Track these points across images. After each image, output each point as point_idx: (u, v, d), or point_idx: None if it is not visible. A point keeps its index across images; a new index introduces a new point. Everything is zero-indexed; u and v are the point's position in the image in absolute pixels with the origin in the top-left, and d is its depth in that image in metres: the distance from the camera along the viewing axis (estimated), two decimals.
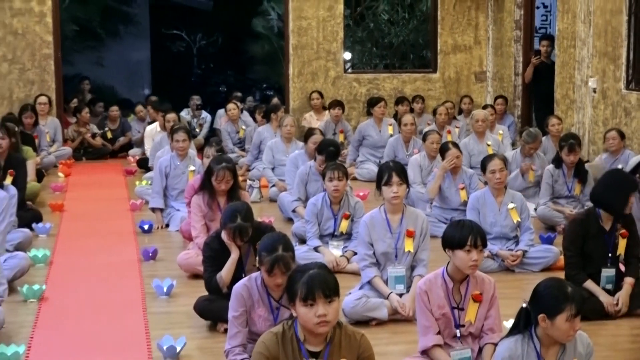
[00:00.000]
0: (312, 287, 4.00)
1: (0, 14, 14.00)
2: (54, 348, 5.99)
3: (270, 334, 4.16)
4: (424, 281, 5.19)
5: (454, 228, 5.13)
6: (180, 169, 9.79)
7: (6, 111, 13.68)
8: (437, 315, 5.12)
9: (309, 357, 4.10)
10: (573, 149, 9.32)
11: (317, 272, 4.08)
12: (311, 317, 4.00)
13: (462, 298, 5.14)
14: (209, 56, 28.47)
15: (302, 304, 4.02)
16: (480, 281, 5.17)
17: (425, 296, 5.11)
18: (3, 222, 7.29)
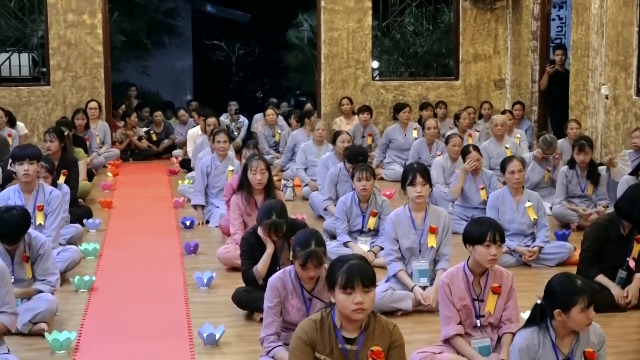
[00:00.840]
0: (351, 276, 3.99)
1: (55, 26, 14.08)
2: (103, 334, 6.01)
3: (309, 321, 4.17)
4: (446, 274, 5.18)
5: (474, 225, 5.13)
6: (220, 169, 9.82)
7: (60, 115, 13.76)
8: (459, 307, 5.11)
9: (344, 343, 4.10)
10: (583, 148, 9.27)
11: (357, 262, 4.08)
12: (349, 304, 4.00)
13: (482, 290, 5.13)
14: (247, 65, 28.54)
15: (341, 291, 4.01)
16: (499, 274, 5.16)
17: (448, 288, 5.10)
18: (57, 218, 7.36)
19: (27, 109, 14.15)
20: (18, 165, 7.25)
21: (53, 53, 14.15)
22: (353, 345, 4.10)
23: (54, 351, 5.56)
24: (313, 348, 4.10)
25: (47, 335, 5.65)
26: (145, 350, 5.68)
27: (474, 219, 5.30)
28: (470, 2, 15.06)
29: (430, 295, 6.37)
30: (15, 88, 14.23)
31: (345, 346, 4.10)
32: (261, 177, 7.67)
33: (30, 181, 7.29)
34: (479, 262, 5.07)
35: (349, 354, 4.10)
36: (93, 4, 14.15)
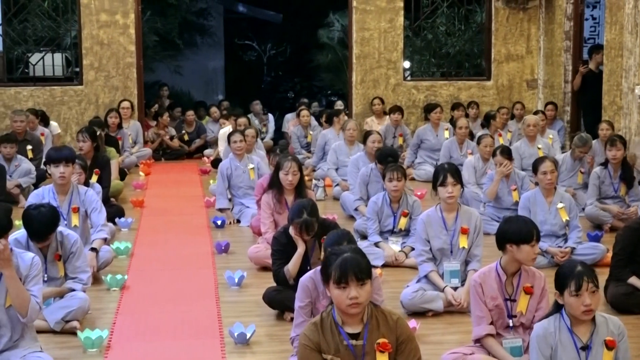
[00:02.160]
0: (345, 271, 3.94)
1: (89, 26, 14.18)
2: (135, 333, 6.05)
3: (309, 325, 4.12)
4: (479, 274, 5.16)
5: (517, 223, 5.10)
6: (240, 169, 9.85)
7: (93, 115, 13.85)
8: (491, 307, 5.09)
9: (349, 339, 4.07)
10: (614, 143, 9.23)
11: (350, 255, 4.01)
12: (344, 299, 3.95)
13: (515, 290, 5.10)
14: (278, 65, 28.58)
15: (335, 286, 3.97)
16: (532, 275, 5.14)
17: (480, 288, 5.09)
18: (102, 214, 7.41)
19: (60, 108, 14.26)
20: (54, 167, 7.26)
21: (86, 53, 14.25)
22: (358, 340, 4.06)
23: (86, 349, 5.60)
24: (319, 351, 4.06)
25: (80, 333, 5.69)
26: (176, 349, 5.71)
27: (511, 218, 5.28)
28: (503, 2, 14.99)
29: (461, 295, 6.35)
30: (48, 88, 14.34)
31: (351, 342, 4.05)
32: (293, 178, 7.68)
33: (66, 183, 7.33)
34: (522, 261, 5.05)
35: (355, 350, 4.05)
36: (126, 4, 14.24)
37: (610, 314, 4.71)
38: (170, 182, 12.69)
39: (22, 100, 14.04)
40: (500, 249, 5.12)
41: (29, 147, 11.61)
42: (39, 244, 5.96)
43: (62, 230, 6.18)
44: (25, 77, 14.95)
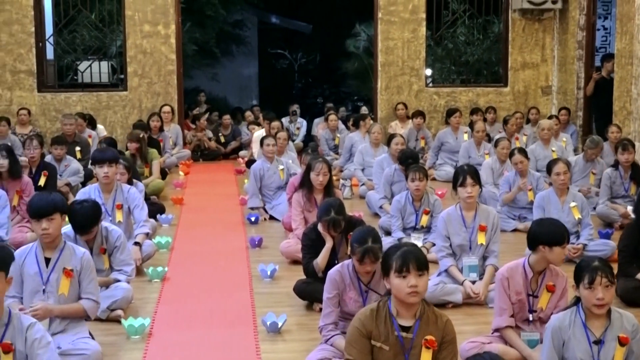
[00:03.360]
0: (406, 260, 3.97)
1: (133, 36, 14.25)
2: (174, 321, 6.07)
3: (366, 310, 4.13)
4: (506, 268, 5.12)
5: (550, 226, 5.03)
6: (271, 170, 9.88)
7: (136, 118, 13.91)
8: (514, 300, 5.06)
9: (400, 330, 4.07)
10: (626, 148, 9.15)
11: (411, 248, 4.07)
12: (404, 287, 3.96)
13: (538, 287, 5.07)
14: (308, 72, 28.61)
15: (396, 275, 3.98)
16: (555, 274, 5.09)
17: (506, 282, 5.05)
18: (144, 210, 7.46)
19: (106, 112, 14.34)
20: (98, 167, 7.32)
21: (130, 61, 14.32)
22: (409, 333, 4.06)
23: (129, 336, 5.63)
24: (369, 337, 4.07)
25: (123, 321, 5.71)
26: (213, 336, 5.71)
27: (543, 221, 5.20)
28: (519, 13, 14.89)
29: (479, 289, 6.33)
30: (95, 93, 14.42)
31: (401, 334, 4.06)
32: (323, 178, 7.69)
33: (109, 182, 7.37)
34: (552, 262, 5.01)
35: (404, 342, 4.06)
36: (167, 16, 14.28)
37: (620, 307, 4.65)
38: (208, 182, 12.72)
39: (71, 105, 14.13)
40: (531, 249, 5.06)
41: (78, 148, 11.68)
42: (83, 236, 6.01)
43: (107, 225, 6.22)
44: (74, 84, 15.05)
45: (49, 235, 5.07)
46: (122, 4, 14.23)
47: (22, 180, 8.29)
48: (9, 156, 8.22)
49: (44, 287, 5.09)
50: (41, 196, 5.31)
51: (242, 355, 5.38)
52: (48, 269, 5.10)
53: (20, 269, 5.11)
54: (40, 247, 5.14)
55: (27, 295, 5.11)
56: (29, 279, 5.10)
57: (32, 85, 14.08)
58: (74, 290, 5.16)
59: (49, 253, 5.14)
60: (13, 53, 13.94)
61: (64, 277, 5.09)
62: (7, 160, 8.18)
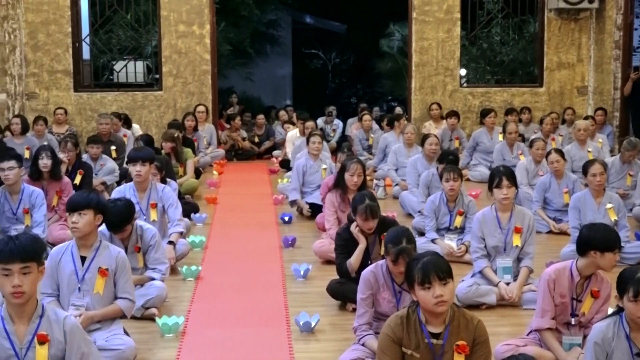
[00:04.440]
0: (427, 272, 3.94)
1: (168, 36, 14.33)
2: (208, 319, 6.09)
3: (396, 317, 4.12)
4: (553, 270, 5.03)
5: (602, 232, 4.93)
6: (314, 168, 9.95)
7: (171, 118, 13.99)
8: (557, 303, 4.99)
9: (430, 337, 4.05)
10: None
11: (431, 258, 4.02)
12: (429, 298, 3.94)
13: (583, 291, 5.00)
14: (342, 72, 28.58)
15: (420, 287, 3.97)
16: (600, 280, 5.02)
17: (553, 284, 4.98)
18: (178, 209, 7.51)
19: (141, 112, 14.43)
20: (132, 166, 7.39)
21: (165, 61, 14.40)
22: (439, 339, 4.05)
23: (163, 334, 5.66)
24: (400, 344, 4.06)
25: (158, 319, 5.75)
26: (246, 335, 5.73)
27: (594, 225, 5.07)
28: (555, 13, 14.77)
29: (513, 290, 6.28)
30: (131, 93, 14.53)
31: (431, 341, 4.04)
32: (357, 179, 7.70)
33: (143, 181, 7.42)
34: (603, 267, 4.92)
35: (434, 348, 4.04)
36: (202, 16, 14.35)
37: None
38: (242, 181, 12.75)
39: (107, 105, 14.24)
40: (581, 254, 4.95)
41: (113, 147, 11.77)
42: (116, 234, 6.06)
43: (141, 224, 6.26)
44: (110, 83, 15.16)
45: (78, 230, 5.12)
46: (158, 4, 14.31)
47: (62, 181, 8.38)
48: (52, 157, 8.32)
49: (79, 286, 5.14)
50: (79, 193, 5.43)
51: (275, 354, 5.38)
52: (83, 268, 5.15)
53: (57, 267, 5.17)
54: (77, 246, 5.19)
55: (63, 293, 5.17)
56: (65, 277, 5.16)
57: (69, 85, 14.21)
58: (109, 289, 5.20)
59: (85, 252, 5.18)
60: (50, 53, 14.09)
61: (99, 277, 5.14)
62: (51, 160, 8.27)
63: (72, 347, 4.02)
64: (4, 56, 13.90)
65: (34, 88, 14.15)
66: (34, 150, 11.32)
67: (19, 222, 7.59)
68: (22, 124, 11.78)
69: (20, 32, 13.97)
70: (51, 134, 12.91)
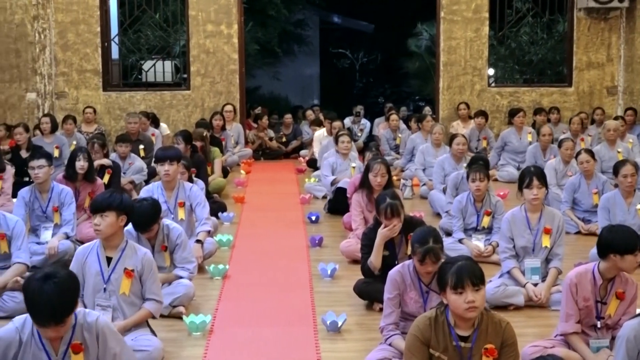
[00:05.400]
0: (461, 276, 3.93)
1: (196, 36, 14.38)
2: (235, 318, 6.11)
3: (424, 318, 4.11)
4: (575, 274, 4.99)
5: (622, 234, 4.88)
6: (343, 166, 10.08)
7: (199, 117, 14.04)
8: (581, 306, 4.94)
9: (458, 340, 4.04)
10: None
11: (465, 263, 4.01)
12: (460, 303, 3.93)
13: (607, 293, 4.95)
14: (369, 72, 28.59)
15: (452, 291, 3.95)
16: (624, 281, 4.98)
17: (575, 288, 4.94)
18: (206, 208, 7.53)
19: (169, 111, 14.50)
20: (160, 165, 7.42)
21: (193, 60, 14.45)
22: (467, 342, 4.03)
23: (190, 332, 5.68)
24: (427, 345, 4.05)
25: (185, 317, 5.77)
26: (273, 334, 5.73)
27: (614, 227, 5.04)
28: (585, 12, 14.66)
29: (542, 291, 6.25)
30: (159, 92, 14.60)
31: (460, 344, 4.03)
32: (381, 179, 7.69)
33: (171, 180, 7.45)
34: (624, 270, 4.89)
35: (462, 351, 4.03)
36: (230, 16, 14.39)
37: None
38: (269, 180, 12.77)
39: (135, 104, 14.33)
40: (602, 257, 4.91)
41: (141, 146, 11.83)
42: (142, 234, 6.08)
43: (168, 223, 6.29)
44: (139, 83, 15.24)
45: (100, 232, 5.12)
46: (186, 4, 14.37)
47: (95, 182, 8.44)
48: (88, 159, 8.38)
49: (105, 286, 5.14)
50: (102, 193, 5.41)
51: (301, 353, 5.38)
52: (109, 269, 5.15)
53: (83, 267, 5.17)
54: (102, 246, 5.19)
55: (88, 293, 5.17)
56: (90, 278, 5.15)
57: (98, 84, 14.31)
58: (135, 290, 5.20)
59: (110, 252, 5.18)
60: (79, 52, 14.19)
61: (124, 277, 5.14)
62: (87, 162, 8.33)
63: (105, 348, 4.04)
64: (34, 55, 14.03)
65: (63, 87, 14.26)
66: (63, 149, 11.50)
67: (49, 220, 7.64)
68: (51, 123, 11.87)
69: (50, 32, 14.09)
70: (80, 132, 13.00)
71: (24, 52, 14.02)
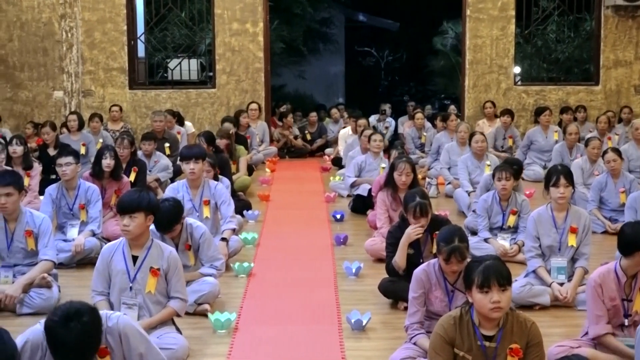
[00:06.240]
0: (488, 276, 3.91)
1: (221, 34, 14.42)
2: (260, 316, 6.11)
3: (448, 317, 4.09)
4: (598, 275, 4.95)
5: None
6: (373, 165, 10.03)
7: (224, 115, 14.06)
8: (608, 306, 4.90)
9: (483, 340, 4.02)
10: None
11: (493, 262, 3.98)
12: (486, 303, 3.91)
13: (632, 290, 4.91)
14: (395, 70, 28.55)
15: (478, 290, 3.93)
16: None
17: (600, 289, 4.90)
18: (231, 206, 7.55)
19: (195, 109, 14.55)
20: (185, 164, 7.44)
21: (219, 59, 14.49)
22: (492, 342, 4.01)
23: (215, 330, 5.69)
24: (452, 344, 4.04)
25: (210, 315, 5.78)
26: (298, 332, 5.74)
27: (637, 224, 4.99)
28: (612, 10, 14.55)
29: (568, 291, 6.20)
30: (184, 90, 14.66)
31: (484, 343, 4.01)
32: (406, 179, 7.67)
33: (196, 178, 7.47)
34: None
35: (487, 351, 4.01)
36: (255, 14, 14.41)
37: None
38: (294, 179, 12.79)
39: (161, 102, 14.39)
40: (625, 254, 4.88)
41: (167, 144, 11.88)
42: (165, 234, 6.09)
43: (191, 222, 6.30)
44: (164, 81, 15.32)
45: (129, 233, 5.11)
46: (212, 2, 14.42)
47: (121, 180, 8.48)
48: (115, 157, 8.43)
49: (130, 285, 5.16)
50: (130, 193, 5.37)
51: (326, 352, 5.38)
52: (135, 267, 5.16)
53: (108, 266, 5.20)
54: (128, 245, 5.20)
55: (115, 292, 5.19)
56: (116, 276, 5.17)
57: (124, 82, 14.38)
58: (160, 288, 5.22)
59: (136, 251, 5.19)
60: (106, 51, 14.28)
61: (150, 276, 5.15)
62: (114, 161, 8.38)
63: (129, 349, 4.05)
64: (61, 54, 14.13)
65: (90, 85, 14.35)
66: (89, 146, 11.57)
67: (75, 218, 7.69)
68: (78, 121, 11.96)
69: (77, 30, 14.19)
70: (106, 130, 13.09)
71: (51, 51, 14.13)
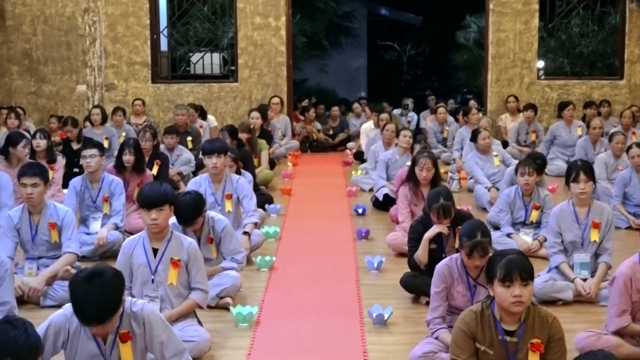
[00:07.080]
0: (510, 270, 3.90)
1: (244, 28, 14.44)
2: (281, 310, 6.13)
3: (470, 312, 4.09)
4: (627, 267, 4.93)
5: None
6: (399, 163, 9.92)
7: (247, 110, 14.08)
8: (634, 299, 4.90)
9: (504, 334, 4.01)
10: None
11: (516, 256, 3.98)
12: (507, 296, 3.91)
13: None
14: (417, 64, 28.46)
15: (500, 284, 3.93)
16: None
17: (629, 282, 4.88)
18: (252, 200, 7.58)
19: (217, 103, 14.58)
20: (207, 158, 7.46)
21: (241, 53, 14.51)
22: (513, 337, 4.01)
23: (237, 324, 5.72)
24: (473, 339, 4.04)
25: (232, 309, 5.81)
26: (319, 326, 5.75)
27: None
28: (637, 4, 14.41)
29: (591, 286, 6.18)
30: (207, 84, 14.69)
31: (505, 338, 4.01)
32: (427, 174, 7.66)
33: (218, 173, 7.50)
34: None
35: (509, 346, 4.01)
36: (278, 8, 14.42)
37: None
38: (316, 173, 12.79)
39: (183, 96, 14.44)
40: None
41: (189, 138, 11.93)
42: (187, 227, 6.11)
43: (213, 215, 6.32)
44: (187, 75, 15.36)
45: (158, 226, 5.13)
46: None
47: (144, 174, 8.52)
48: (135, 153, 8.45)
49: (152, 277, 5.18)
50: (152, 186, 5.34)
51: (348, 346, 5.39)
52: (156, 260, 5.18)
53: (130, 260, 5.22)
54: (148, 238, 5.22)
55: (137, 285, 5.21)
56: (138, 270, 5.20)
57: (147, 76, 14.44)
58: (182, 280, 5.24)
59: (157, 244, 5.20)
60: (129, 45, 14.34)
61: (171, 268, 5.17)
62: (134, 157, 8.41)
63: (151, 336, 4.09)
64: (84, 48, 14.21)
65: (113, 79, 14.42)
66: (112, 140, 11.63)
67: (98, 211, 7.74)
68: (101, 114, 12.03)
69: (100, 25, 14.26)
70: (129, 124, 13.15)
71: (74, 45, 14.22)
